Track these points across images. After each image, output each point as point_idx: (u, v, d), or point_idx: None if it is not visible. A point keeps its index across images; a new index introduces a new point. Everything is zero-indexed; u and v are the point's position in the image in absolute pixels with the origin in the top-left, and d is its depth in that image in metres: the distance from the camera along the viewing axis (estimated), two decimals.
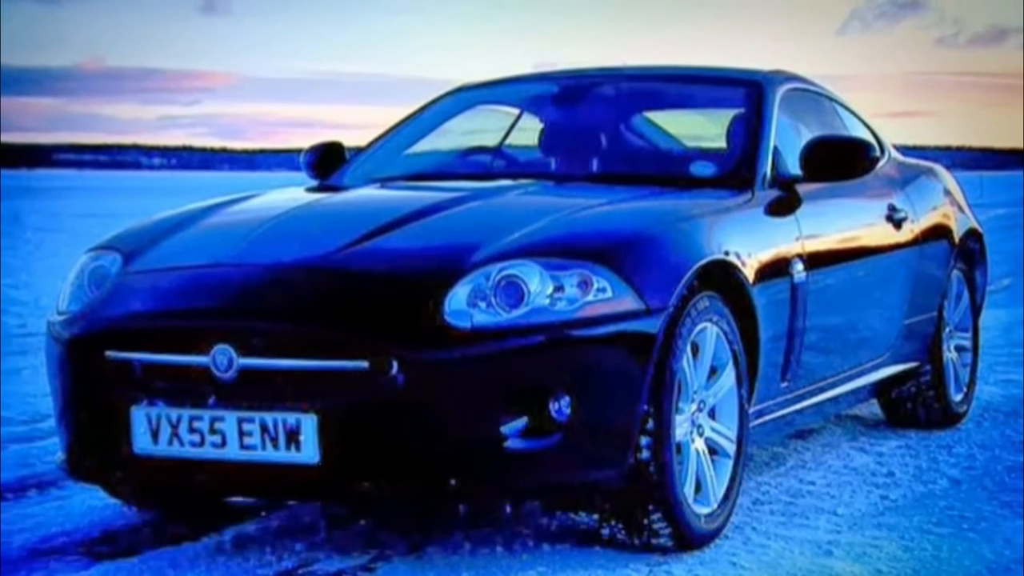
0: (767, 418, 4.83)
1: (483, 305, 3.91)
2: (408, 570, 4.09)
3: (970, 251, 6.66)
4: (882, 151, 6.21)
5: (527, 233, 4.17)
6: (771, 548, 4.33)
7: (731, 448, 4.44)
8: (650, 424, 4.04)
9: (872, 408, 6.57)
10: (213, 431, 3.93)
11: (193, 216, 4.75)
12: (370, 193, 5.15)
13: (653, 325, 4.03)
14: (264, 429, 3.88)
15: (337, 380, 3.84)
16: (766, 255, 4.67)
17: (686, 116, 6.17)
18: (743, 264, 4.49)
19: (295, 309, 4.00)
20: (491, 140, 5.86)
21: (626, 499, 4.12)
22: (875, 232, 5.67)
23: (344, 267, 4.12)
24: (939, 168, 6.78)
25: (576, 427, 3.90)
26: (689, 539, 4.22)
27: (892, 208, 5.85)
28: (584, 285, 3.97)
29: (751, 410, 4.59)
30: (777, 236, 4.82)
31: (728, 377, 4.42)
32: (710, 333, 4.32)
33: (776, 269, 4.72)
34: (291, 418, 3.85)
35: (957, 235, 6.44)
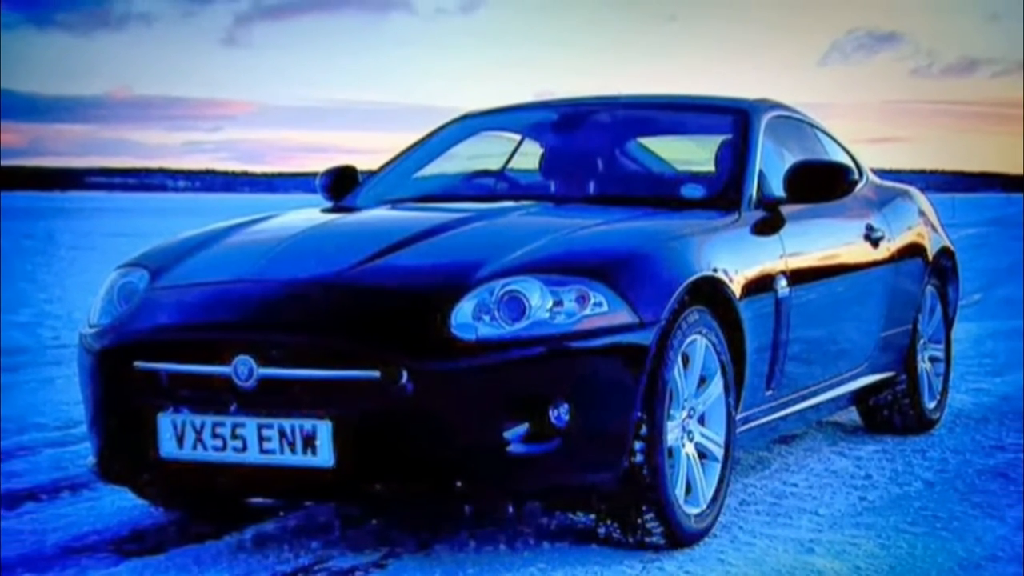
0: (753, 424, 4.83)
1: (487, 318, 3.91)
2: (417, 566, 4.08)
3: (943, 268, 6.66)
4: (860, 174, 6.21)
5: (528, 251, 4.18)
6: (757, 546, 4.32)
7: (719, 452, 4.44)
8: (643, 430, 4.04)
9: (851, 415, 6.57)
10: (234, 436, 3.93)
11: (216, 235, 4.75)
12: (381, 214, 5.16)
13: (646, 337, 4.03)
14: (282, 434, 3.88)
15: (351, 389, 3.84)
16: (752, 272, 4.67)
17: (677, 142, 6.17)
18: (730, 280, 4.49)
19: (311, 322, 4.00)
20: (494, 164, 5.87)
21: (621, 500, 4.12)
22: (854, 250, 5.67)
23: (357, 283, 4.12)
24: (914, 190, 6.78)
25: (574, 433, 3.90)
26: (680, 538, 4.21)
27: (870, 228, 5.85)
28: (582, 300, 3.97)
29: (738, 417, 4.59)
30: (762, 254, 4.82)
31: (716, 386, 4.42)
32: (700, 345, 4.32)
33: (761, 285, 4.72)
34: (307, 424, 3.85)
35: (931, 253, 6.44)
